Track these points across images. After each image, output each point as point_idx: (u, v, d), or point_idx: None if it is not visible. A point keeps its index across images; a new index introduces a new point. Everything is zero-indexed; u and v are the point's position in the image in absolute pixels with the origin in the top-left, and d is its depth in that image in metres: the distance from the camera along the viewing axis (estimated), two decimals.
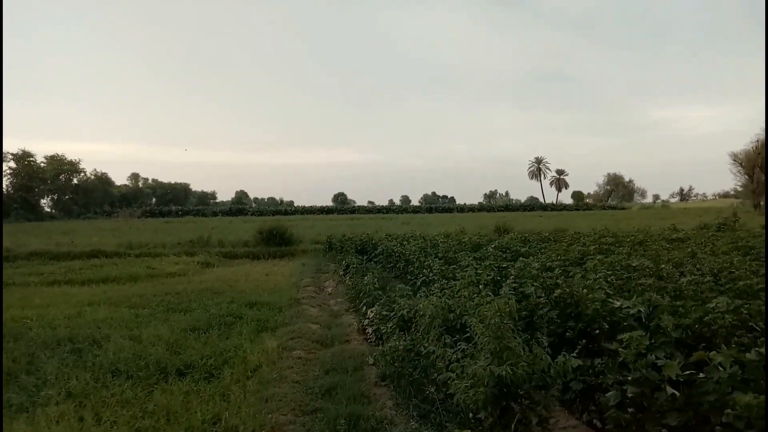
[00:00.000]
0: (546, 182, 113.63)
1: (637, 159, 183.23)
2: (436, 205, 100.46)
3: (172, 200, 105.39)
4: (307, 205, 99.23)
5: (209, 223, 45.52)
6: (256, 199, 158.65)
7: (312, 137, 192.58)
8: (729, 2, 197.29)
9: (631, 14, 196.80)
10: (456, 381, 3.95)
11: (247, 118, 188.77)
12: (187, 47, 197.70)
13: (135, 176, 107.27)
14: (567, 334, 5.56)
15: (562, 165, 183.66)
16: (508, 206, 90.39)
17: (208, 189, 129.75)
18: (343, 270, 13.39)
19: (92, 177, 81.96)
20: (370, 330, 7.59)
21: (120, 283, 13.38)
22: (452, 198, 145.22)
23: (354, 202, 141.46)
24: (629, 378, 4.04)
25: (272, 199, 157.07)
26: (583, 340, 5.39)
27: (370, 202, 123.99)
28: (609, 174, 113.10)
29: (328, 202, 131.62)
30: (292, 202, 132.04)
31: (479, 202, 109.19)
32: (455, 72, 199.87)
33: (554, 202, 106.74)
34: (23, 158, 65.48)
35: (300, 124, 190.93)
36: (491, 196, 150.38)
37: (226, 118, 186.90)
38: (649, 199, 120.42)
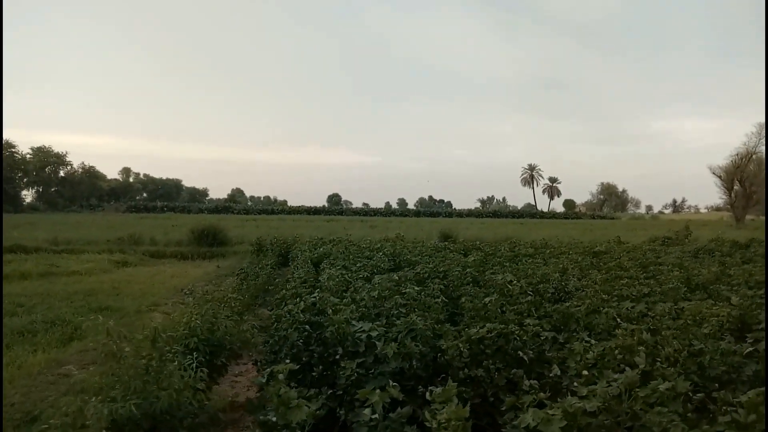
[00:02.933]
0: (539, 190, 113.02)
1: (634, 169, 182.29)
2: (426, 209, 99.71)
3: (162, 196, 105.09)
4: (303, 205, 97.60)
5: (184, 220, 44.91)
6: (252, 197, 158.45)
7: (313, 137, 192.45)
8: (732, 15, 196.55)
9: (634, 24, 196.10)
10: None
11: (248, 116, 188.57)
12: (187, 41, 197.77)
13: (126, 170, 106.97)
14: (312, 360, 4.99)
15: (560, 173, 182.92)
16: (497, 213, 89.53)
17: (201, 186, 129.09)
18: (237, 274, 12.87)
19: (79, 170, 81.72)
20: None
21: (7, 281, 12.83)
22: (449, 202, 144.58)
23: (350, 203, 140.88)
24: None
25: (267, 197, 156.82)
26: (320, 367, 4.85)
27: (365, 204, 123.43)
28: (602, 183, 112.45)
29: (323, 202, 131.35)
30: (285, 201, 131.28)
31: (476, 207, 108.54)
32: (458, 77, 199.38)
33: (546, 209, 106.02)
34: (5, 149, 65.13)
35: (301, 124, 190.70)
36: (487, 201, 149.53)
37: (226, 114, 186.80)
38: (642, 210, 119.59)
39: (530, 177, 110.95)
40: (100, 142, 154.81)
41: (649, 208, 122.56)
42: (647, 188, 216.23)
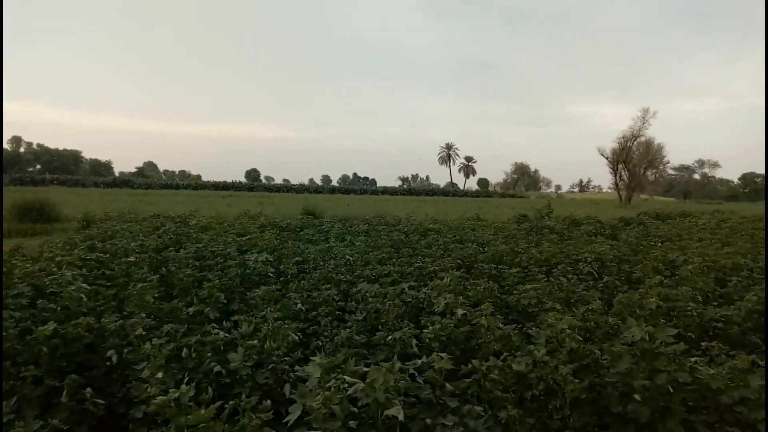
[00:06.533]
0: (455, 168, 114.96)
1: (553, 150, 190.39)
2: (347, 186, 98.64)
3: (58, 168, 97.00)
4: (217, 180, 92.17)
5: (56, 193, 41.06)
6: (166, 171, 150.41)
7: (239, 111, 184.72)
8: (649, 8, 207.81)
9: (559, 12, 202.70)
10: None
11: (164, 86, 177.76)
12: (104, 5, 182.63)
13: (16, 139, 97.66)
14: None
15: (488, 152, 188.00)
16: (412, 190, 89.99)
17: (105, 158, 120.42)
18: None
19: None
20: None
21: None
22: (373, 180, 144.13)
23: (272, 178, 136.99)
24: None
25: (183, 172, 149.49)
26: None
27: (285, 180, 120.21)
28: (516, 163, 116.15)
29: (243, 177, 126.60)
30: (199, 176, 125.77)
31: (399, 186, 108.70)
32: (393, 56, 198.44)
33: (463, 188, 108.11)
34: None
35: (228, 98, 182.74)
36: (412, 179, 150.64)
37: (138, 82, 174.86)
38: (552, 189, 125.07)
39: (447, 156, 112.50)
40: None
41: (558, 187, 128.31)
42: (562, 168, 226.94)
